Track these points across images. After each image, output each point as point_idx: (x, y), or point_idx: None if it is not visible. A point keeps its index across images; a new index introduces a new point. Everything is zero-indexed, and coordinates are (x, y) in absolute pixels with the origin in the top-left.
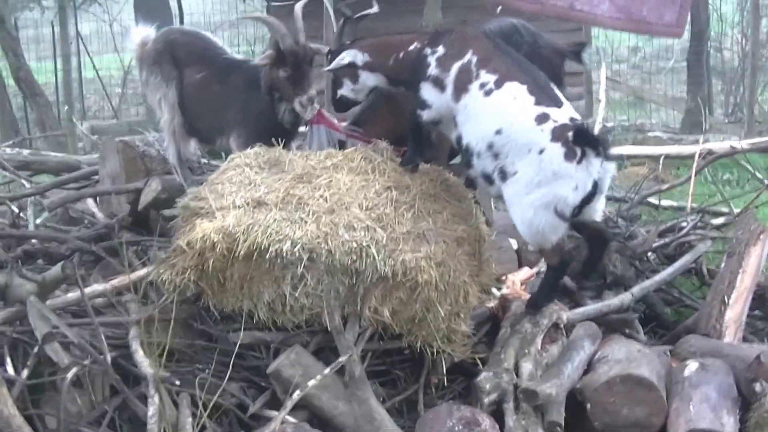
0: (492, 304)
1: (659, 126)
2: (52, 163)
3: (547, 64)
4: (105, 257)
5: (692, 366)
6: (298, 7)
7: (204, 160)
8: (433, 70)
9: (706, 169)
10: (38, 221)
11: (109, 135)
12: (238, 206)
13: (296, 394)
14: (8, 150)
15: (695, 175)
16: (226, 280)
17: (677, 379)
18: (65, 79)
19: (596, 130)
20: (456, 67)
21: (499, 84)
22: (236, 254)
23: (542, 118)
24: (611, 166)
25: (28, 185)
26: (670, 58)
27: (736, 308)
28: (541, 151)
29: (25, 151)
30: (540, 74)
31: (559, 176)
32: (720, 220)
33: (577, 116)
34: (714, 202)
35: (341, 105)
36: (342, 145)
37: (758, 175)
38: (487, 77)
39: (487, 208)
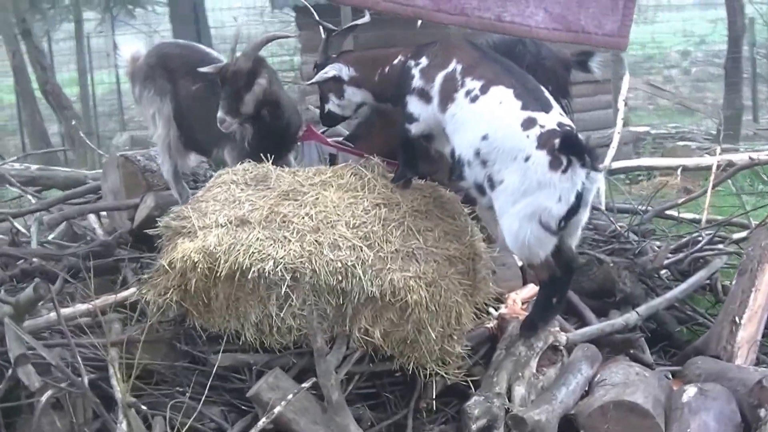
0: (491, 324)
1: (701, 133)
2: (60, 178)
3: (552, 74)
4: (69, 280)
5: (691, 391)
6: (240, 27)
7: (211, 173)
8: (417, 82)
9: (730, 181)
10: (50, 237)
11: (147, 145)
12: (221, 225)
13: (261, 421)
14: (16, 165)
15: (713, 188)
16: (212, 300)
17: (676, 405)
18: (82, 92)
19: (615, 140)
20: (440, 76)
21: (484, 89)
22: (218, 274)
23: (529, 123)
24: (598, 178)
25: (34, 201)
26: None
27: (750, 328)
28: (526, 159)
29: (33, 167)
30: (530, 79)
31: (543, 186)
32: (743, 234)
33: (567, 122)
34: (735, 215)
35: (329, 120)
36: (333, 160)
37: None
38: (473, 84)
39: (489, 224)
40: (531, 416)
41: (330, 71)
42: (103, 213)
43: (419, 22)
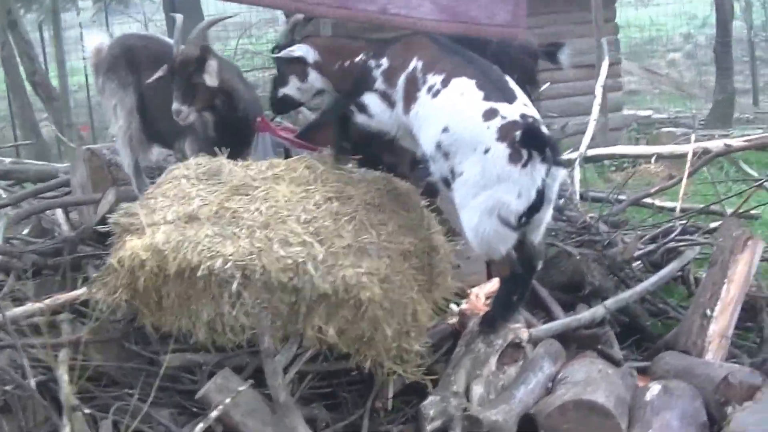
0: (453, 320)
1: (695, 118)
2: (32, 172)
3: (517, 63)
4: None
5: (654, 389)
6: (179, 19)
7: None
8: (380, 84)
9: (705, 169)
10: (25, 232)
11: None
12: (170, 221)
13: (198, 427)
14: None
15: (688, 176)
16: (163, 299)
17: (640, 404)
18: (61, 83)
19: (591, 127)
20: (402, 78)
21: (445, 82)
22: (167, 272)
23: (490, 114)
24: (559, 173)
25: (4, 195)
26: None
27: (722, 321)
28: (486, 151)
29: (7, 160)
30: (494, 69)
31: (502, 180)
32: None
33: (532, 113)
34: (710, 204)
35: (282, 105)
36: (288, 153)
37: (753, 173)
38: (434, 79)
39: (452, 216)
40: (487, 416)
41: (297, 51)
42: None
43: (301, 16)
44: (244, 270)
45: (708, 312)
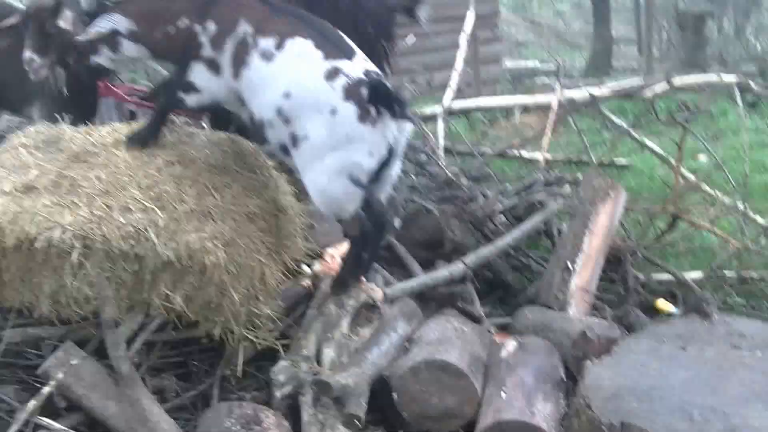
0: (307, 282)
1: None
2: None
3: (374, 17)
4: None
5: (510, 346)
6: None
7: None
8: (206, 51)
9: (571, 119)
10: None
11: None
12: (6, 193)
13: (31, 403)
14: None
15: (553, 126)
16: (3, 273)
17: (495, 361)
18: None
19: (455, 80)
20: (230, 43)
21: (280, 45)
22: (5, 245)
23: (332, 74)
24: (408, 127)
25: None
26: None
27: (584, 274)
28: (333, 112)
29: None
30: (328, 26)
31: (352, 140)
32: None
33: (374, 68)
34: (575, 155)
35: (94, 75)
36: (134, 117)
37: (621, 123)
38: (266, 42)
39: None
40: (337, 380)
41: (107, 26)
42: None
43: None
44: (84, 239)
45: (569, 265)
